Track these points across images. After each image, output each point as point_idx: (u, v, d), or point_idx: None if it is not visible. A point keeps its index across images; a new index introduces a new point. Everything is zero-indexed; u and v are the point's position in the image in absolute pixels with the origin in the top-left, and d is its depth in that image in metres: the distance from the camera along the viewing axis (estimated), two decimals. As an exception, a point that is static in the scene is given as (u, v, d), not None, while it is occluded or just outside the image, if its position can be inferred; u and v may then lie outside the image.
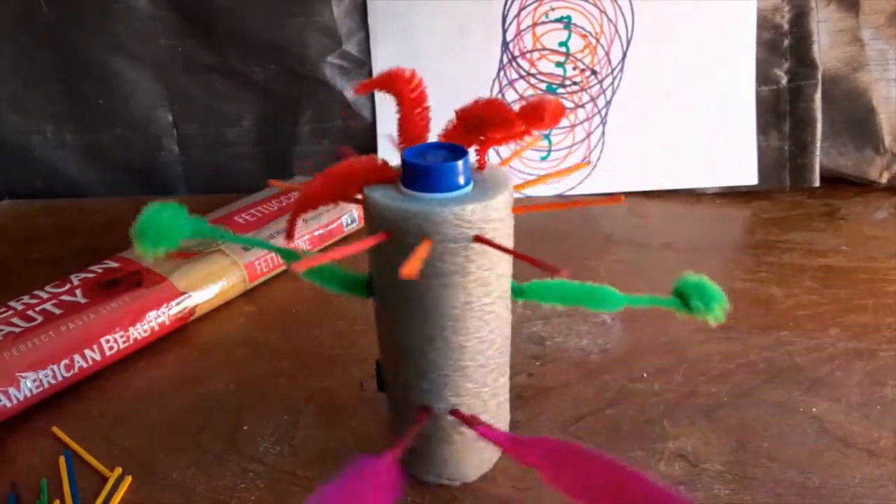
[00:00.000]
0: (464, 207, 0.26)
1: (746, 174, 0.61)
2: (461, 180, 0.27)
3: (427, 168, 0.27)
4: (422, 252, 0.25)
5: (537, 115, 0.27)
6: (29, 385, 0.38)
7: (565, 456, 0.26)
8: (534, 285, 0.30)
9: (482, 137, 0.29)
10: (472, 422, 0.30)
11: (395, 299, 0.29)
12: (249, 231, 0.51)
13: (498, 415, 0.33)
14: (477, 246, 0.27)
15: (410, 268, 0.24)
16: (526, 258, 0.26)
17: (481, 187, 0.28)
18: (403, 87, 0.29)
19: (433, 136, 0.30)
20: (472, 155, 0.29)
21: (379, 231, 0.27)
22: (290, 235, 0.30)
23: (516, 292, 0.30)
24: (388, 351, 0.32)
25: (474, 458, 0.33)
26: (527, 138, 0.28)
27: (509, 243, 0.29)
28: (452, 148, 0.28)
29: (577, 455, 0.26)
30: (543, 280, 0.29)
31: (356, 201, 0.29)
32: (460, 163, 0.27)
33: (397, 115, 0.29)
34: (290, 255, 0.32)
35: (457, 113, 0.29)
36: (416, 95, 0.29)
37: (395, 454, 0.26)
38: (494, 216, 0.27)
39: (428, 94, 0.29)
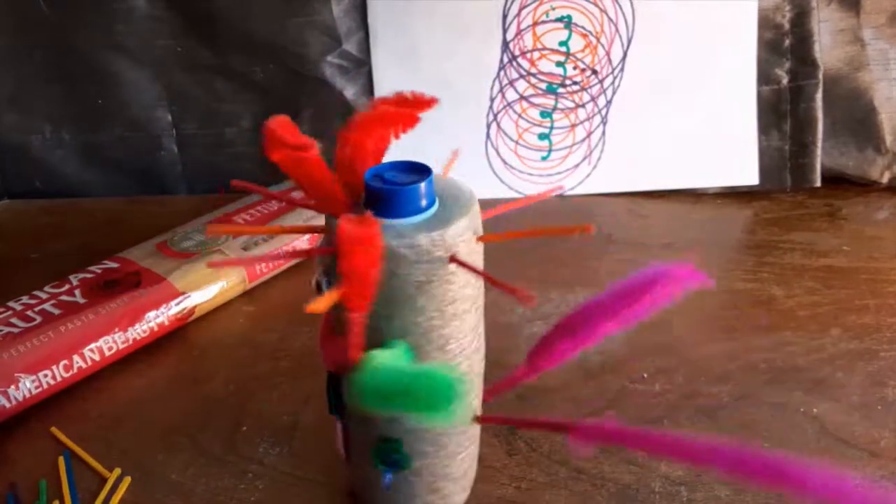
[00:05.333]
0: (418, 239, 0.24)
1: (747, 174, 0.61)
2: (423, 203, 0.26)
3: (385, 192, 0.25)
4: (329, 297, 0.23)
5: (418, 105, 0.25)
6: (28, 385, 0.38)
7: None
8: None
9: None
10: (502, 388, 0.28)
11: (450, 326, 0.27)
12: (249, 231, 0.51)
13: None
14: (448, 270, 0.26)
15: (315, 305, 0.22)
16: (497, 283, 0.24)
17: (444, 209, 0.26)
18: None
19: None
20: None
21: (404, 271, 0.25)
22: (355, 352, 0.24)
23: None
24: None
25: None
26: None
27: (479, 264, 0.27)
28: (415, 167, 0.27)
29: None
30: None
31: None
32: (423, 185, 0.25)
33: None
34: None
35: (350, 139, 0.27)
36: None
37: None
38: (455, 244, 0.25)
39: (428, 94, 0.28)
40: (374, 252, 0.23)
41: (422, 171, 0.26)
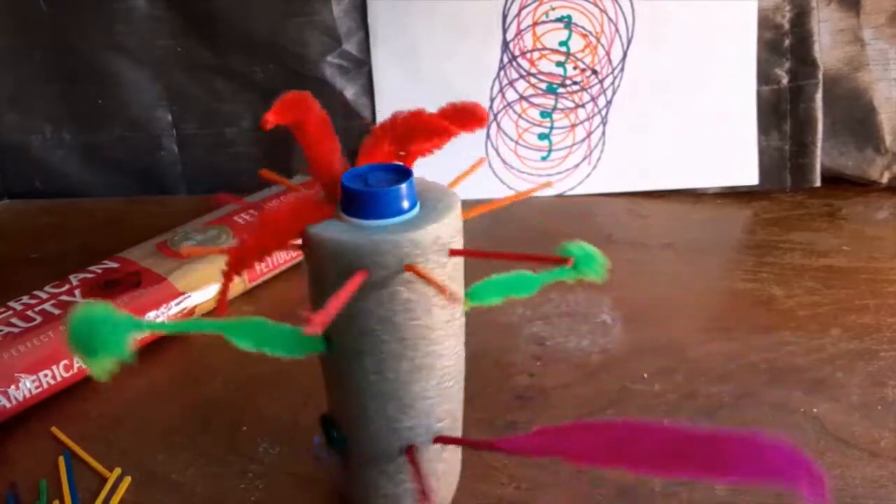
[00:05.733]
0: (417, 233, 0.24)
1: (747, 174, 0.61)
2: (406, 204, 0.26)
3: (371, 194, 0.25)
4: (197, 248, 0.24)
5: (464, 119, 0.26)
6: (28, 385, 0.38)
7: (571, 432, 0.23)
8: (476, 288, 0.28)
9: (403, 152, 0.27)
10: (459, 442, 0.29)
11: (360, 342, 0.26)
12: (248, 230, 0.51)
13: (457, 425, 0.31)
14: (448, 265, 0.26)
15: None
16: (523, 257, 0.26)
17: (428, 208, 0.26)
18: (306, 114, 0.27)
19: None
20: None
21: (326, 267, 0.25)
22: (222, 307, 0.26)
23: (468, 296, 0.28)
24: (350, 402, 0.28)
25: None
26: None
27: (459, 261, 0.27)
28: (395, 168, 0.27)
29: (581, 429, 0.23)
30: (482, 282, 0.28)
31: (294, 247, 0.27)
32: (404, 186, 0.25)
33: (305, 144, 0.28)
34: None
35: (377, 129, 0.27)
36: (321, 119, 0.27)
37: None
38: (447, 239, 0.25)
39: (428, 94, 0.29)
40: (279, 230, 0.24)
41: (406, 175, 0.26)
